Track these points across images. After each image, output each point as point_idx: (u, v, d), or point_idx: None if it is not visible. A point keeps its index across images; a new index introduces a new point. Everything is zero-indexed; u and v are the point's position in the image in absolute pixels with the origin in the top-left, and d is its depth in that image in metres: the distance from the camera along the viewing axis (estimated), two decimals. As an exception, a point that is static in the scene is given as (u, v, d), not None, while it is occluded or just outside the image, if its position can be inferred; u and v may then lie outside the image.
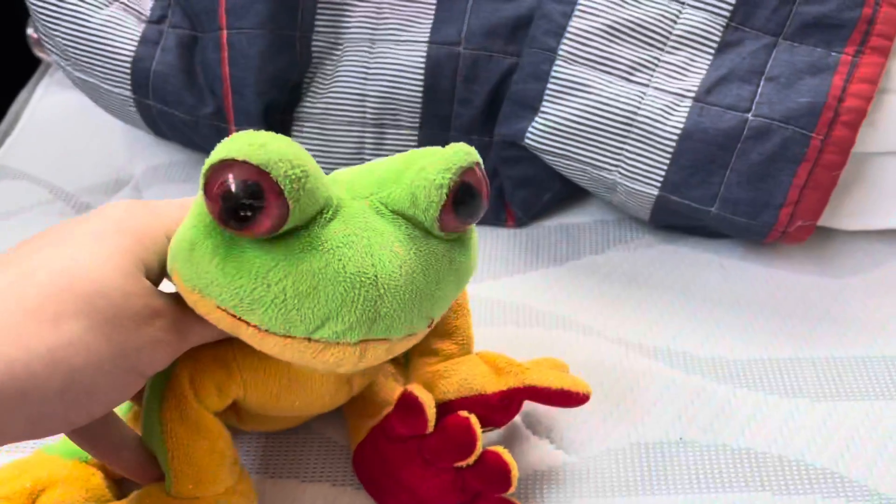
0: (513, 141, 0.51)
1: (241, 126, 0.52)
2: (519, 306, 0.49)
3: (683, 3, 0.48)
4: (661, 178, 0.47)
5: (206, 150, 0.56)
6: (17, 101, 0.72)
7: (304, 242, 0.27)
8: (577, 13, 0.48)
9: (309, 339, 0.28)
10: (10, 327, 0.25)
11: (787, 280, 0.50)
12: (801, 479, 0.39)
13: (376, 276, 0.27)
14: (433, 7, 0.53)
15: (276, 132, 0.54)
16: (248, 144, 0.25)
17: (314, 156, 0.54)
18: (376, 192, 0.29)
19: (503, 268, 0.52)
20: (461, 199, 0.28)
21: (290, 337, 0.28)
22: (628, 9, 0.48)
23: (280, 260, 0.26)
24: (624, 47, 0.48)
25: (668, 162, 0.47)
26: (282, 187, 0.25)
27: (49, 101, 0.69)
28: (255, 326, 0.27)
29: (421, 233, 0.29)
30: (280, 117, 0.53)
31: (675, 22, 0.48)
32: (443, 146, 0.54)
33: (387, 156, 0.53)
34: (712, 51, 0.48)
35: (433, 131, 0.54)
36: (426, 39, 0.52)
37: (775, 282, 0.50)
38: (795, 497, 0.38)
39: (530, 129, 0.49)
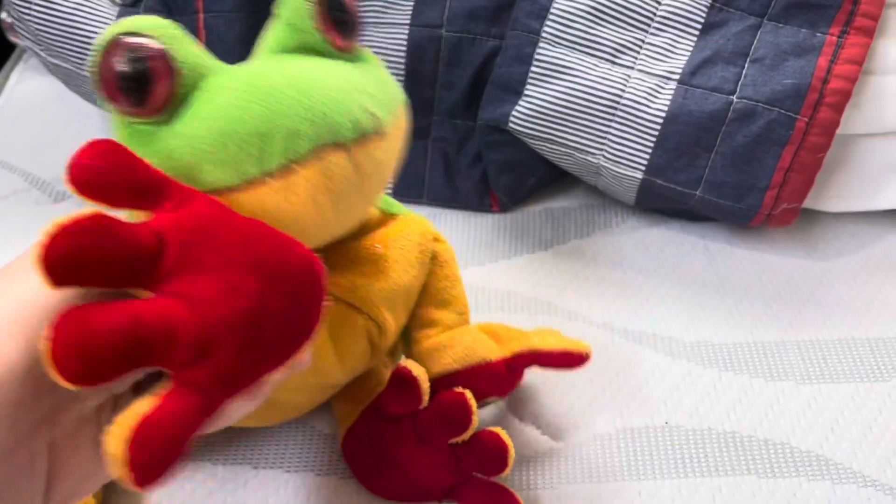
0: (496, 125, 0.50)
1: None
2: (504, 292, 0.49)
3: (668, -16, 0.47)
4: (645, 162, 0.47)
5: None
6: (-10, 88, 0.71)
7: (205, 96, 0.26)
8: (560, -6, 0.47)
9: (271, 176, 0.25)
10: None
11: (772, 263, 0.50)
12: (787, 461, 0.39)
13: (288, 81, 0.26)
14: (414, -11, 0.52)
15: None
16: (121, 23, 0.25)
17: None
18: (262, 52, 0.29)
19: (488, 254, 0.52)
20: (334, 12, 0.29)
21: (252, 182, 0.25)
22: (612, -10, 0.47)
23: (192, 113, 0.25)
24: (608, 29, 0.47)
25: (652, 145, 0.46)
26: (164, 42, 0.25)
27: (25, 87, 0.67)
28: (218, 192, 0.25)
29: (327, 59, 0.29)
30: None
31: (659, 3, 0.47)
32: (427, 130, 0.53)
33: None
34: (697, 32, 0.47)
35: (417, 115, 0.53)
36: (408, 22, 0.51)
37: (760, 265, 0.50)
38: (781, 480, 0.38)
39: (514, 112, 0.48)
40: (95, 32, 0.50)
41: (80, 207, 0.62)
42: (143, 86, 0.25)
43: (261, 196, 0.25)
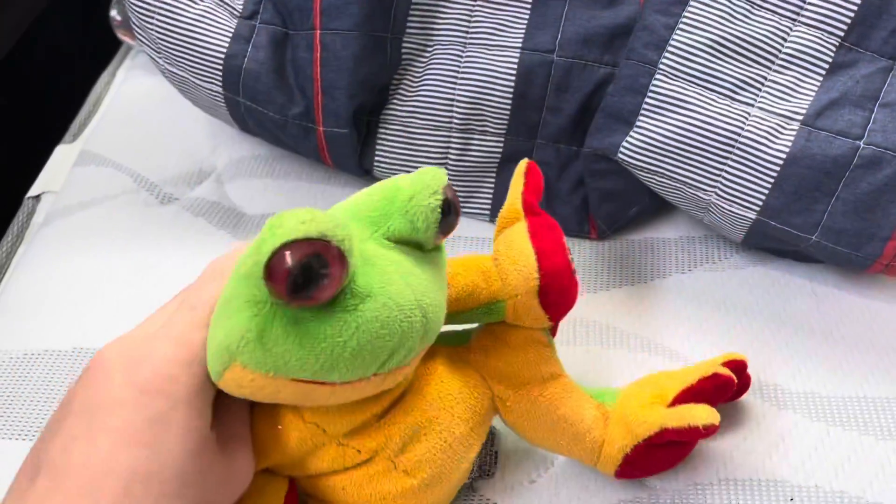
0: (604, 154, 0.49)
1: (329, 127, 0.51)
2: (603, 325, 0.48)
3: (795, 21, 0.46)
4: (760, 203, 0.46)
5: (294, 149, 0.56)
6: (97, 84, 0.73)
7: (355, 296, 0.28)
8: (681, 26, 0.46)
9: (376, 374, 0.29)
10: None
11: (883, 311, 0.48)
12: (899, 529, 0.38)
13: (418, 302, 0.30)
14: (527, 12, 0.51)
15: (363, 134, 0.54)
16: (299, 223, 0.26)
17: (399, 161, 0.54)
18: (375, 230, 0.31)
19: (586, 283, 0.51)
20: (445, 216, 0.31)
21: (362, 380, 0.29)
22: (736, 24, 0.46)
23: (346, 317, 0.27)
24: (729, 64, 0.46)
25: (769, 186, 0.45)
26: (342, 251, 0.26)
27: (131, 86, 0.69)
28: (329, 384, 0.29)
29: (419, 251, 0.32)
30: (367, 119, 0.53)
31: (784, 39, 0.46)
32: (529, 154, 0.53)
33: (470, 162, 0.54)
34: (823, 72, 0.45)
35: (519, 139, 0.53)
36: (519, 45, 0.51)
37: (871, 313, 0.48)
38: (893, 549, 0.37)
39: (624, 143, 0.48)
40: (215, 44, 0.51)
41: (187, 211, 0.63)
42: (310, 290, 0.26)
43: (361, 386, 0.30)
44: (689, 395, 0.38)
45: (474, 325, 0.39)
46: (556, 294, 0.35)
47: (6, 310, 0.51)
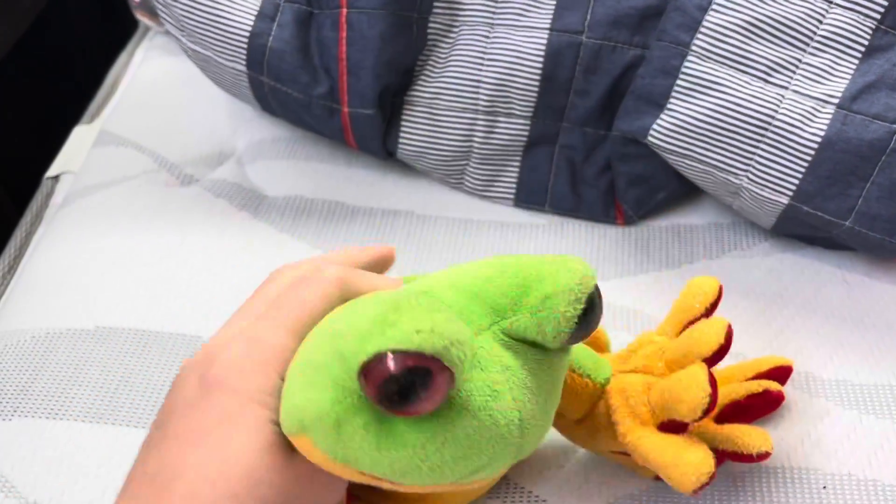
0: (633, 137, 0.49)
1: (355, 108, 0.51)
2: (631, 311, 0.47)
3: (831, 2, 0.45)
4: (794, 187, 0.45)
5: (317, 130, 0.55)
6: (115, 65, 0.72)
7: (451, 408, 0.25)
8: (714, 7, 0.45)
9: (453, 483, 0.27)
10: None
11: (915, 300, 0.48)
12: (935, 518, 0.37)
13: (521, 420, 0.27)
14: (556, -8, 0.50)
15: (387, 115, 0.53)
16: (415, 331, 0.23)
17: (423, 143, 0.53)
18: (496, 320, 0.28)
19: (613, 268, 0.50)
20: (585, 316, 0.27)
21: (436, 486, 0.27)
22: (771, 5, 0.45)
23: (435, 429, 0.25)
24: (763, 46, 0.45)
25: (803, 170, 0.44)
26: (452, 370, 0.24)
27: (150, 67, 0.68)
28: (399, 484, 0.26)
29: (542, 353, 0.29)
30: (391, 100, 0.52)
31: (820, 21, 0.45)
32: (555, 137, 0.52)
33: (495, 145, 0.53)
34: (859, 54, 0.45)
35: (545, 121, 0.52)
36: (547, 26, 0.50)
37: (902, 301, 0.48)
38: (929, 538, 0.36)
39: (655, 126, 0.47)
40: (239, 22, 0.50)
41: (208, 192, 0.62)
42: (404, 403, 0.24)
43: (435, 489, 0.27)
44: (738, 410, 0.37)
45: None
46: None
47: (27, 289, 0.51)
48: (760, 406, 0.38)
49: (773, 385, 0.39)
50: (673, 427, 0.34)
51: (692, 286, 0.39)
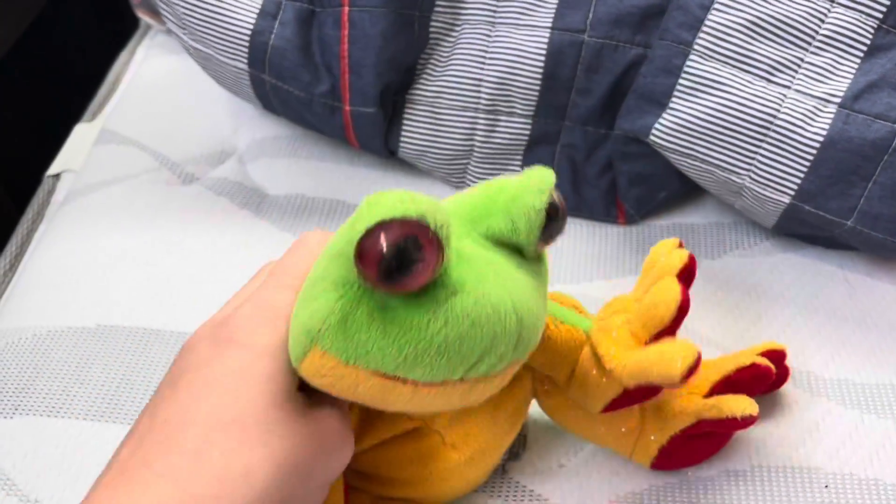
0: (635, 136, 0.49)
1: (356, 106, 0.51)
2: (632, 310, 0.47)
3: (833, 2, 0.45)
4: (795, 187, 0.45)
5: (318, 129, 0.55)
6: (116, 63, 0.72)
7: (447, 288, 0.26)
8: (717, 6, 0.45)
9: (462, 380, 0.27)
10: None
11: (917, 300, 0.48)
12: (937, 518, 0.37)
13: (514, 305, 0.27)
14: (558, -9, 0.50)
15: (389, 113, 0.53)
16: (398, 202, 0.24)
17: (425, 142, 0.53)
18: (473, 228, 0.29)
19: (614, 268, 0.50)
20: (550, 220, 0.29)
21: (446, 382, 0.27)
22: (773, 4, 0.45)
23: (435, 308, 0.26)
24: (766, 45, 0.45)
25: (805, 170, 0.44)
26: (439, 236, 0.25)
27: (151, 65, 0.68)
28: (412, 382, 0.27)
29: (519, 257, 0.30)
30: (393, 99, 0.52)
31: (822, 21, 0.45)
32: (556, 136, 0.52)
33: (497, 144, 0.53)
34: (861, 54, 0.44)
35: (547, 120, 0.52)
36: (549, 25, 0.50)
37: (904, 301, 0.48)
38: (931, 537, 0.36)
39: (657, 125, 0.47)
40: (241, 20, 0.50)
41: (209, 190, 0.62)
42: (403, 275, 0.24)
43: (446, 391, 0.27)
44: (727, 385, 0.37)
45: None
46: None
47: (28, 287, 0.51)
48: (749, 380, 0.38)
49: (760, 359, 0.38)
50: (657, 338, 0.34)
51: (655, 248, 0.39)
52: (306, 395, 0.29)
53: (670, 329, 0.33)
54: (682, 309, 0.33)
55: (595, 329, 0.35)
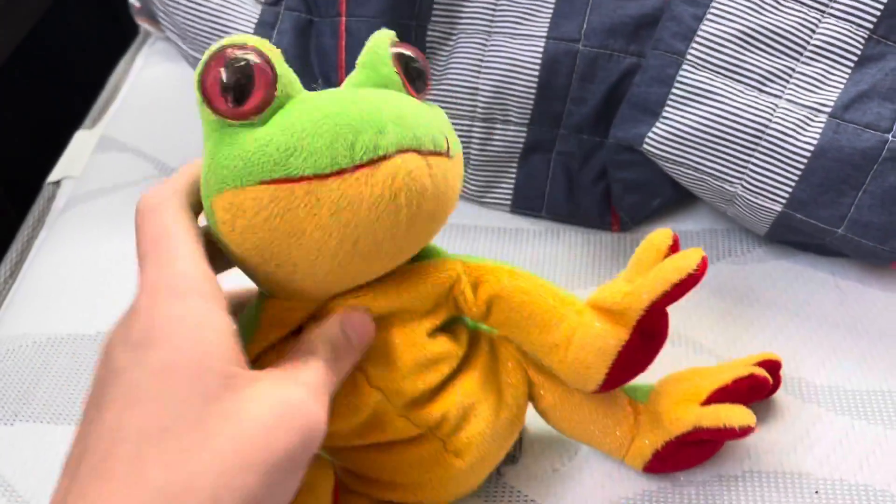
0: (629, 145, 0.49)
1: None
2: (626, 317, 0.48)
3: (824, 12, 0.45)
4: (787, 195, 0.45)
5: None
6: (116, 70, 0.73)
7: (301, 102, 0.28)
8: (709, 17, 0.46)
9: (357, 167, 0.27)
10: None
11: (907, 306, 0.48)
12: (925, 523, 0.38)
13: (374, 95, 0.29)
14: (552, 1, 0.51)
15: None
16: (224, 40, 0.28)
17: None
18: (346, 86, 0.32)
19: (608, 274, 0.51)
20: (407, 64, 0.32)
21: (341, 171, 0.27)
22: (765, 15, 0.45)
23: (288, 109, 0.28)
24: (757, 55, 0.46)
25: (797, 178, 0.45)
26: (264, 51, 0.28)
27: (150, 73, 0.69)
28: (307, 178, 0.27)
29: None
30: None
31: (813, 31, 0.45)
32: (551, 144, 0.53)
33: (493, 152, 0.53)
34: (851, 64, 0.45)
35: (542, 128, 0.53)
36: (544, 34, 0.51)
37: (895, 307, 0.48)
38: (919, 542, 0.37)
39: (650, 134, 0.47)
40: (238, 30, 0.51)
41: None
42: (244, 91, 0.27)
43: (346, 185, 0.27)
44: (724, 395, 0.38)
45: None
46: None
47: (29, 294, 0.51)
48: (746, 391, 0.38)
49: (758, 370, 0.39)
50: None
51: (646, 241, 0.38)
52: (245, 380, 0.26)
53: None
54: (676, 244, 0.35)
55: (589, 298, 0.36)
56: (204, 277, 0.27)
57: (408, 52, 0.32)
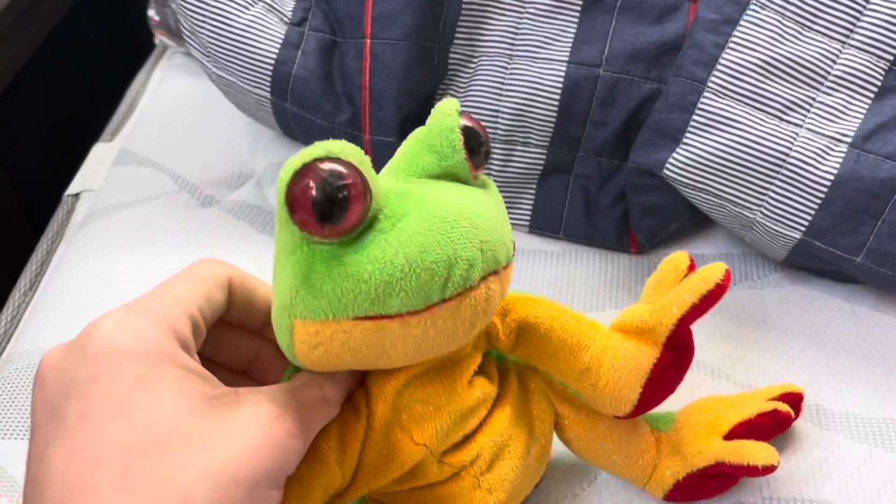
0: (649, 170, 0.50)
1: (376, 136, 0.52)
2: (645, 340, 0.48)
3: (844, 43, 0.46)
4: (806, 223, 0.46)
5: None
6: (134, 83, 0.73)
7: (390, 221, 0.27)
8: (731, 45, 0.47)
9: (444, 300, 0.27)
10: None
11: (923, 334, 0.49)
12: (944, 554, 0.38)
13: (461, 211, 0.28)
14: (574, 26, 0.51)
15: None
16: (314, 149, 0.26)
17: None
18: (406, 174, 0.30)
19: (626, 296, 0.51)
20: (470, 141, 0.30)
21: (431, 307, 0.27)
22: (786, 45, 0.46)
23: (384, 237, 0.27)
24: (778, 84, 0.46)
25: (816, 207, 0.45)
26: (355, 164, 0.26)
27: (169, 87, 0.69)
28: (398, 316, 0.27)
29: (462, 184, 0.31)
30: (412, 128, 0.53)
31: (834, 62, 0.46)
32: (570, 166, 0.53)
33: (512, 173, 0.54)
34: (872, 95, 0.46)
35: (562, 151, 0.53)
36: (566, 59, 0.51)
37: (910, 335, 0.48)
38: (938, 573, 0.37)
39: (670, 160, 0.48)
40: (264, 49, 0.51)
41: (228, 213, 0.63)
42: (338, 210, 0.25)
43: (435, 317, 0.27)
44: (746, 429, 0.38)
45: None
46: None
47: (48, 308, 0.52)
48: (769, 426, 0.39)
49: (781, 405, 0.39)
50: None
51: (665, 263, 0.39)
52: (225, 393, 0.26)
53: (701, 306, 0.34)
54: (693, 266, 0.36)
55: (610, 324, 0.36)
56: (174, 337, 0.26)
57: (470, 124, 0.31)
